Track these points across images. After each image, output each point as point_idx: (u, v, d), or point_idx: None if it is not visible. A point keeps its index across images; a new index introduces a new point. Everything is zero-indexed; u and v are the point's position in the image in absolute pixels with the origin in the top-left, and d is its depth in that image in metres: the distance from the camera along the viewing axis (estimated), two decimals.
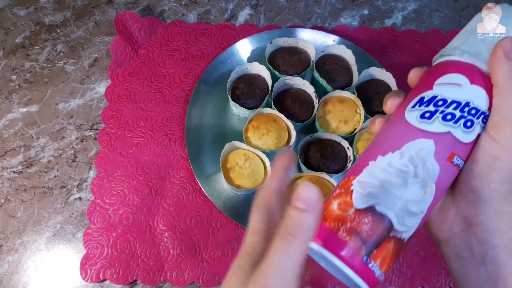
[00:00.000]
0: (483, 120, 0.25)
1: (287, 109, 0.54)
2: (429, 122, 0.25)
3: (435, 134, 0.25)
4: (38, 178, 0.55)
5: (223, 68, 0.60)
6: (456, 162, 0.25)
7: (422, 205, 0.24)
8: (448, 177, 0.25)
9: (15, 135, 0.57)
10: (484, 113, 0.25)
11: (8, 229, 0.51)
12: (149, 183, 0.54)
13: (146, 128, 0.57)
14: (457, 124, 0.24)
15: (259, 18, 0.68)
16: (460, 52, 0.26)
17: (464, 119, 0.24)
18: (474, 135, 0.25)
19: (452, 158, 0.25)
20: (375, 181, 0.24)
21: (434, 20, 0.68)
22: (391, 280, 0.49)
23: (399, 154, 0.25)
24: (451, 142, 0.25)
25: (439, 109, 0.25)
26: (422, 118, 0.25)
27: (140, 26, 0.64)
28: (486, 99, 0.25)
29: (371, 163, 0.25)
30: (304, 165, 0.51)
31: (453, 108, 0.25)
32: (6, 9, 0.67)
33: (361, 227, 0.23)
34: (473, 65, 0.25)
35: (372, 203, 0.24)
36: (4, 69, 0.62)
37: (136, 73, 0.61)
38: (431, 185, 0.24)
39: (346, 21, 0.68)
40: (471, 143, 0.25)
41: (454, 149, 0.25)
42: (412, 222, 0.24)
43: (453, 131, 0.24)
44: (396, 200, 0.24)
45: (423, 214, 0.25)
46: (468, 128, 0.25)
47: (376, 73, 0.56)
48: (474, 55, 0.26)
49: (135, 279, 0.49)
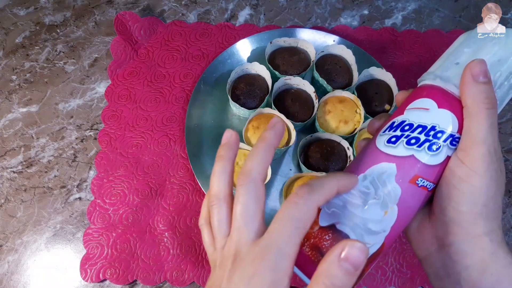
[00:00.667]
0: (451, 142, 0.25)
1: (287, 109, 0.54)
2: (394, 147, 0.26)
3: (398, 158, 0.26)
4: (38, 178, 0.55)
5: (223, 68, 0.60)
6: (421, 183, 0.26)
7: (383, 224, 0.26)
8: (412, 198, 0.26)
9: (15, 135, 0.57)
10: (453, 136, 0.25)
11: (8, 229, 0.51)
12: (149, 183, 0.54)
13: (146, 128, 0.57)
14: (421, 148, 0.25)
15: (259, 18, 0.68)
16: (434, 76, 0.27)
17: (429, 142, 0.25)
18: (441, 158, 0.25)
19: (416, 180, 0.25)
20: (339, 202, 0.26)
21: (434, 20, 0.68)
22: (391, 280, 0.49)
23: (363, 177, 0.26)
24: (414, 165, 0.25)
25: (404, 133, 0.26)
26: (388, 142, 0.26)
27: (140, 26, 0.64)
28: (454, 122, 0.25)
29: None
30: (304, 165, 0.51)
31: (418, 132, 0.26)
32: (6, 9, 0.67)
33: (322, 243, 0.25)
34: (444, 89, 0.26)
35: (333, 221, 0.26)
36: (4, 69, 0.62)
37: (136, 73, 0.61)
38: (392, 206, 0.25)
39: (346, 21, 0.68)
40: (438, 165, 0.26)
41: (418, 172, 0.25)
42: (372, 240, 0.26)
43: (416, 154, 0.25)
44: (356, 219, 0.25)
45: (386, 232, 0.26)
46: (433, 151, 0.25)
47: (376, 73, 0.56)
48: (446, 79, 0.26)
49: (135, 279, 0.49)
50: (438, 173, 0.26)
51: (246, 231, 0.24)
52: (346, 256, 0.20)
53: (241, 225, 0.24)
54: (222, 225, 0.26)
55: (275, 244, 0.22)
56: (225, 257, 0.25)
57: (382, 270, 0.50)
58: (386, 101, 0.54)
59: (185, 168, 0.55)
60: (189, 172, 0.54)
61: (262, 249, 0.23)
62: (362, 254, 0.20)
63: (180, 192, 0.53)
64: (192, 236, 0.51)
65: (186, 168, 0.55)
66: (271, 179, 0.53)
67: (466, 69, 0.25)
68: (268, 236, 0.23)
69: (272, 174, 0.53)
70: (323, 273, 0.21)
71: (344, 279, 0.20)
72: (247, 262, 0.23)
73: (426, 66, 0.63)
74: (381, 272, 0.50)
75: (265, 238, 0.23)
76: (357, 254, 0.20)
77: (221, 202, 0.27)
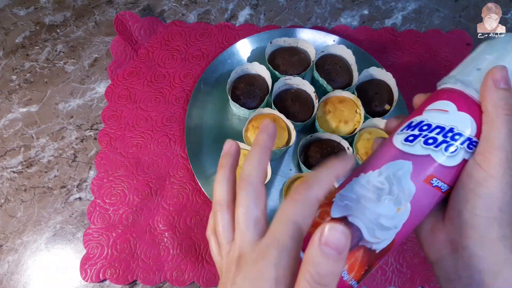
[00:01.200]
0: (468, 146, 0.26)
1: (287, 109, 0.54)
2: (411, 145, 0.26)
3: (415, 156, 0.26)
4: (38, 178, 0.55)
5: (223, 68, 0.60)
6: (435, 184, 0.26)
7: (395, 221, 0.26)
8: (425, 197, 0.26)
9: (15, 135, 0.57)
10: (470, 139, 0.26)
11: (8, 229, 0.51)
12: (149, 183, 0.54)
13: (146, 128, 0.57)
14: (438, 148, 0.26)
15: (259, 18, 0.68)
16: (455, 80, 0.27)
17: (446, 143, 0.26)
18: (457, 160, 0.26)
19: (430, 180, 0.26)
20: (353, 195, 0.27)
21: (434, 20, 0.68)
22: (391, 280, 0.49)
23: (378, 173, 0.27)
24: (430, 164, 0.26)
25: (422, 133, 0.26)
26: (406, 141, 0.27)
27: (140, 26, 0.64)
28: (473, 126, 0.26)
29: (354, 179, 0.28)
30: (304, 165, 0.51)
31: (436, 133, 0.26)
32: (6, 9, 0.67)
33: None
34: (464, 93, 0.27)
35: (346, 213, 0.26)
36: (4, 69, 0.62)
37: (136, 73, 0.61)
38: (405, 204, 0.26)
39: (346, 21, 0.68)
40: (454, 167, 0.26)
41: (433, 172, 0.26)
42: (383, 235, 0.26)
43: (433, 154, 0.26)
44: (368, 213, 0.26)
45: (397, 229, 0.26)
46: (450, 152, 0.26)
47: (376, 73, 0.56)
48: (467, 83, 0.27)
49: (135, 279, 0.49)
50: (453, 175, 0.26)
51: (248, 234, 0.24)
52: (325, 240, 0.19)
53: (243, 228, 0.25)
54: (226, 231, 0.27)
55: (276, 242, 0.22)
56: (230, 262, 0.25)
57: (382, 270, 0.50)
58: (386, 101, 0.54)
59: (185, 168, 0.55)
60: (189, 172, 0.54)
61: (264, 248, 0.23)
62: (342, 235, 0.19)
63: (180, 192, 0.53)
64: (192, 236, 0.51)
65: (186, 168, 0.55)
66: (271, 179, 0.53)
67: (487, 75, 0.25)
68: (269, 235, 0.23)
69: (272, 174, 0.53)
70: (306, 262, 0.20)
71: (329, 265, 0.19)
72: (249, 263, 0.23)
73: (426, 66, 0.64)
74: (381, 272, 0.50)
75: (267, 237, 0.23)
76: (337, 237, 0.19)
77: (223, 208, 0.27)
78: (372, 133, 0.52)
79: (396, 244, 0.27)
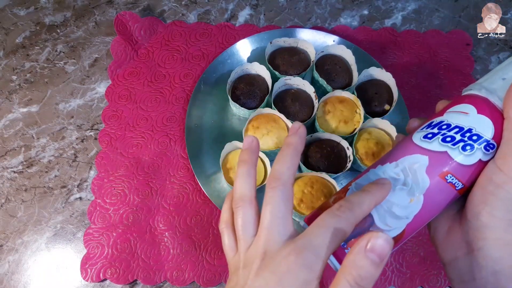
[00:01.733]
0: (485, 147, 0.26)
1: (287, 109, 0.54)
2: (429, 142, 0.28)
3: (432, 152, 0.27)
4: (39, 178, 0.55)
5: (223, 68, 0.60)
6: (450, 180, 0.27)
7: (407, 211, 0.27)
8: (439, 192, 0.27)
9: (16, 135, 0.57)
10: (488, 141, 0.26)
11: (9, 229, 0.52)
12: (149, 183, 0.54)
13: (146, 128, 0.57)
14: (455, 146, 0.27)
15: (259, 18, 0.68)
16: (479, 87, 0.28)
17: (464, 142, 0.27)
18: (473, 159, 0.27)
19: (445, 176, 0.27)
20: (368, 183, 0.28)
21: (434, 20, 0.68)
22: (391, 279, 0.49)
23: (395, 165, 0.28)
24: (447, 161, 0.27)
25: (441, 131, 0.28)
26: (425, 138, 0.28)
27: (140, 26, 0.64)
28: (492, 129, 0.27)
29: (371, 170, 0.29)
30: (304, 165, 0.52)
31: (455, 132, 0.27)
32: (6, 9, 0.67)
33: None
34: (487, 99, 0.28)
35: None
36: (4, 69, 0.62)
37: (136, 73, 0.61)
38: (418, 196, 0.27)
39: (346, 21, 0.68)
40: (470, 166, 0.27)
41: (449, 168, 0.27)
42: (394, 223, 0.27)
43: (449, 151, 0.27)
44: None
45: (408, 220, 0.27)
46: (466, 151, 0.26)
47: (375, 73, 0.56)
48: (491, 90, 0.28)
49: (135, 278, 0.49)
50: (469, 174, 0.27)
51: (277, 232, 0.25)
52: (372, 247, 0.21)
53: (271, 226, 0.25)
54: (248, 226, 0.27)
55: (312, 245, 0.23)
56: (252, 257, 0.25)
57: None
58: (386, 101, 0.55)
59: (185, 168, 0.55)
60: (189, 172, 0.54)
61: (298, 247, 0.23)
62: (387, 244, 0.21)
63: (180, 192, 0.53)
64: (192, 236, 0.51)
65: (186, 168, 0.55)
66: None
67: None
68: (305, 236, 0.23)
69: None
70: (350, 265, 0.21)
71: (371, 270, 0.21)
72: (279, 259, 0.23)
73: (426, 66, 0.64)
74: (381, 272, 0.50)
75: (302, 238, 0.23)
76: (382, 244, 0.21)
77: (246, 204, 0.27)
78: (372, 133, 0.52)
79: (406, 236, 0.28)
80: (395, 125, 0.52)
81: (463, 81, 0.62)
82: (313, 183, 0.48)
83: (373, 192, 0.26)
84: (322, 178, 0.49)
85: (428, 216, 0.28)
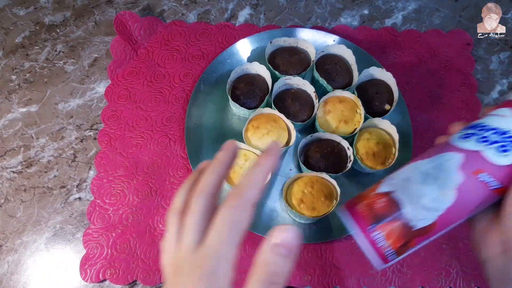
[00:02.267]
0: None
1: (287, 109, 0.54)
2: (465, 141, 0.29)
3: (467, 150, 0.28)
4: (38, 178, 0.54)
5: (223, 68, 0.60)
6: (482, 178, 0.28)
7: (437, 203, 0.28)
8: (472, 189, 0.28)
9: (15, 135, 0.57)
10: None
11: (8, 229, 0.51)
12: (149, 183, 0.54)
13: (146, 128, 0.57)
14: (490, 146, 0.28)
15: (259, 18, 0.67)
16: None
17: (499, 143, 0.28)
18: (508, 160, 0.27)
19: (478, 173, 0.28)
20: (401, 176, 0.30)
21: (434, 20, 0.68)
22: (392, 280, 0.49)
23: (429, 161, 0.30)
24: (480, 160, 0.28)
25: (478, 132, 0.29)
26: (461, 138, 0.30)
27: (140, 26, 0.64)
28: None
29: (406, 165, 0.31)
30: (304, 165, 0.51)
31: (492, 133, 0.28)
32: (6, 9, 0.67)
33: (375, 204, 0.29)
34: None
35: (390, 189, 0.29)
36: (4, 69, 0.62)
37: (136, 73, 0.61)
38: (450, 190, 0.28)
39: (346, 21, 0.68)
40: (505, 167, 0.28)
41: (482, 166, 0.28)
42: (422, 214, 0.28)
43: (484, 150, 0.28)
44: (411, 192, 0.28)
45: (439, 212, 0.28)
46: (501, 152, 0.27)
47: (376, 73, 0.56)
48: None
49: (135, 279, 0.49)
50: (503, 174, 0.28)
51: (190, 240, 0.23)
52: (277, 241, 0.21)
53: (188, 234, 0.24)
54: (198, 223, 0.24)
55: (214, 250, 0.22)
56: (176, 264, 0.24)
57: (382, 270, 0.50)
58: (386, 101, 0.54)
59: (185, 168, 0.55)
60: (189, 172, 0.54)
61: (201, 258, 0.22)
62: (292, 235, 0.21)
63: None
64: None
65: (186, 168, 0.55)
66: (271, 179, 0.53)
67: None
68: (206, 243, 0.22)
69: (272, 174, 0.53)
70: (259, 263, 0.21)
71: (280, 263, 0.21)
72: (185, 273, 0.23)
73: (426, 66, 0.64)
74: (381, 272, 0.50)
75: (204, 246, 0.22)
76: (287, 236, 0.21)
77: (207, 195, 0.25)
78: (372, 133, 0.52)
79: (438, 228, 0.28)
80: (396, 125, 0.51)
81: (464, 81, 0.62)
82: (313, 183, 0.48)
83: (260, 162, 0.24)
84: (322, 178, 0.49)
85: (462, 212, 0.28)
